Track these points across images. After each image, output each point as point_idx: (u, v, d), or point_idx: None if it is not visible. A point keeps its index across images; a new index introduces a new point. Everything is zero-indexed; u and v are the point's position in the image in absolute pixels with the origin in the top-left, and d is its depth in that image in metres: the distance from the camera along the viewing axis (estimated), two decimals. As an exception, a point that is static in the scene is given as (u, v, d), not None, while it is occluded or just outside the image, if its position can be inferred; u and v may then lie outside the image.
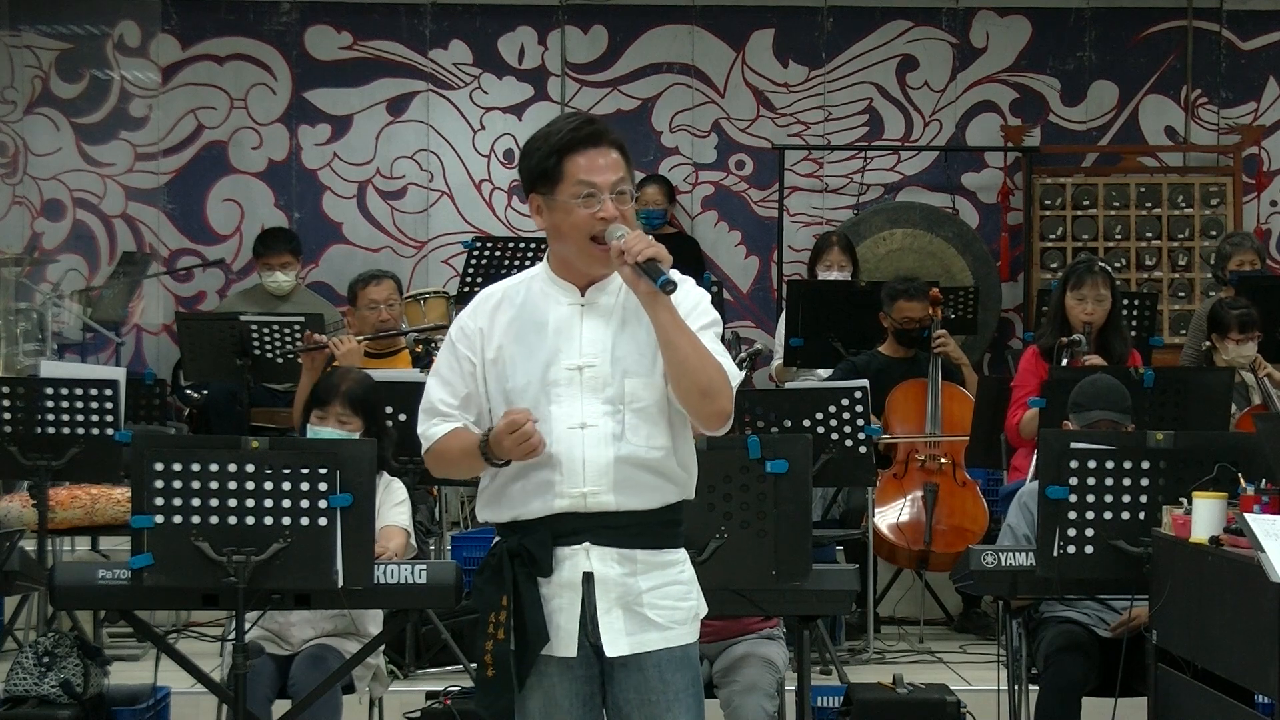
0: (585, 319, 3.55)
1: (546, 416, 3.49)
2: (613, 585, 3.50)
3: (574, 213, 3.51)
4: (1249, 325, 7.17)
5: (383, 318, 7.48)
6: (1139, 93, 10.31)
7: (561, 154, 3.51)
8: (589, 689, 3.54)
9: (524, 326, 3.57)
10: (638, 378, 3.50)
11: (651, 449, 3.51)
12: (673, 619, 3.54)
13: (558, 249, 3.60)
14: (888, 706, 5.49)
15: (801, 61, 10.27)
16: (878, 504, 7.14)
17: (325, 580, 4.42)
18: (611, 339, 3.53)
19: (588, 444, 3.48)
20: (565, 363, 3.52)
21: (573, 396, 3.50)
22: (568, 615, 3.50)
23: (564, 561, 3.50)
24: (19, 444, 6.33)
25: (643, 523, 3.52)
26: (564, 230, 3.54)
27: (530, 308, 3.58)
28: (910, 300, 7.79)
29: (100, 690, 5.35)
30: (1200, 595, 4.32)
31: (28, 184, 10.16)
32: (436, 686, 5.71)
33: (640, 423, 3.50)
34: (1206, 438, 4.96)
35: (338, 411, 5.17)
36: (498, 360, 3.56)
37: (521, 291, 3.62)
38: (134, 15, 10.17)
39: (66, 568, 5.17)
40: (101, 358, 9.50)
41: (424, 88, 10.23)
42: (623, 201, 3.53)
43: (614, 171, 3.53)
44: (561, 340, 3.54)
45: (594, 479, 3.47)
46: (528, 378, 3.52)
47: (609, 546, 3.50)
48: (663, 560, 3.56)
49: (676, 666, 3.53)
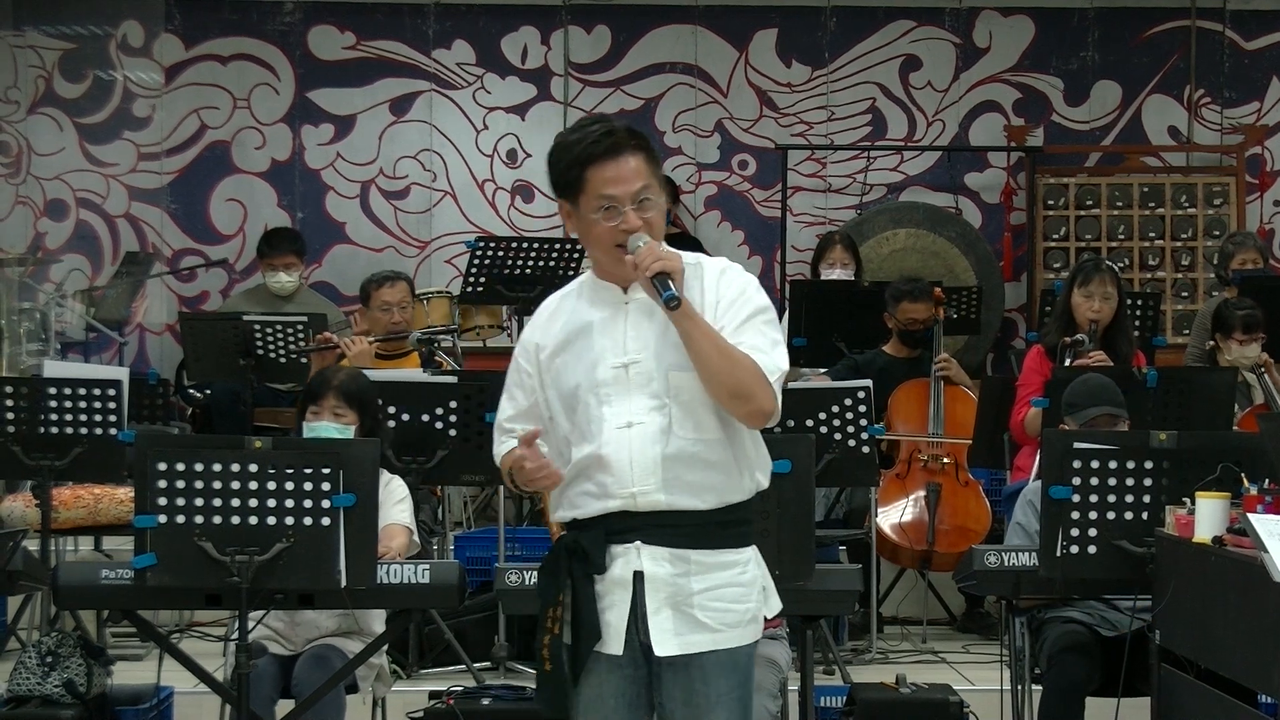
0: (629, 317, 3.56)
1: (599, 418, 3.50)
2: (662, 585, 3.49)
3: (597, 225, 3.52)
4: (1254, 326, 7.17)
5: (394, 320, 7.48)
6: (1142, 93, 10.31)
7: (583, 166, 3.51)
8: (635, 689, 3.53)
9: (572, 332, 3.59)
10: (682, 370, 3.49)
11: (700, 440, 3.49)
12: (724, 621, 3.52)
13: (591, 254, 3.65)
14: (890, 707, 5.49)
15: (804, 61, 10.27)
16: (880, 504, 7.15)
17: (328, 580, 4.42)
18: (656, 334, 3.53)
19: (634, 443, 3.48)
20: (611, 362, 3.53)
21: (621, 396, 3.51)
22: (617, 613, 3.50)
23: (616, 559, 3.50)
24: (22, 444, 6.33)
25: (699, 523, 3.50)
26: (590, 240, 3.58)
27: (578, 313, 3.61)
28: (914, 301, 7.81)
29: (103, 690, 5.34)
30: (1203, 595, 4.32)
31: (31, 184, 10.17)
32: (439, 686, 5.71)
33: (687, 415, 3.49)
34: (1210, 438, 4.96)
35: (332, 405, 5.14)
36: (552, 367, 3.59)
37: (570, 299, 3.65)
38: (137, 15, 10.18)
39: (70, 567, 5.17)
40: (105, 358, 9.50)
41: (427, 88, 10.24)
42: (646, 209, 3.52)
43: (635, 181, 3.52)
44: (606, 340, 3.55)
45: (642, 478, 3.47)
46: (576, 381, 3.54)
47: (660, 546, 3.49)
48: (721, 561, 3.54)
49: (723, 670, 3.52)
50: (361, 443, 4.74)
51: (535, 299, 8.04)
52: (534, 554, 6.38)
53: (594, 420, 3.50)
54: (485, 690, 5.73)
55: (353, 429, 5.10)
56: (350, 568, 4.41)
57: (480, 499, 8.51)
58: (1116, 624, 5.16)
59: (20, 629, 6.84)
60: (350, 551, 4.41)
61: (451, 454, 6.16)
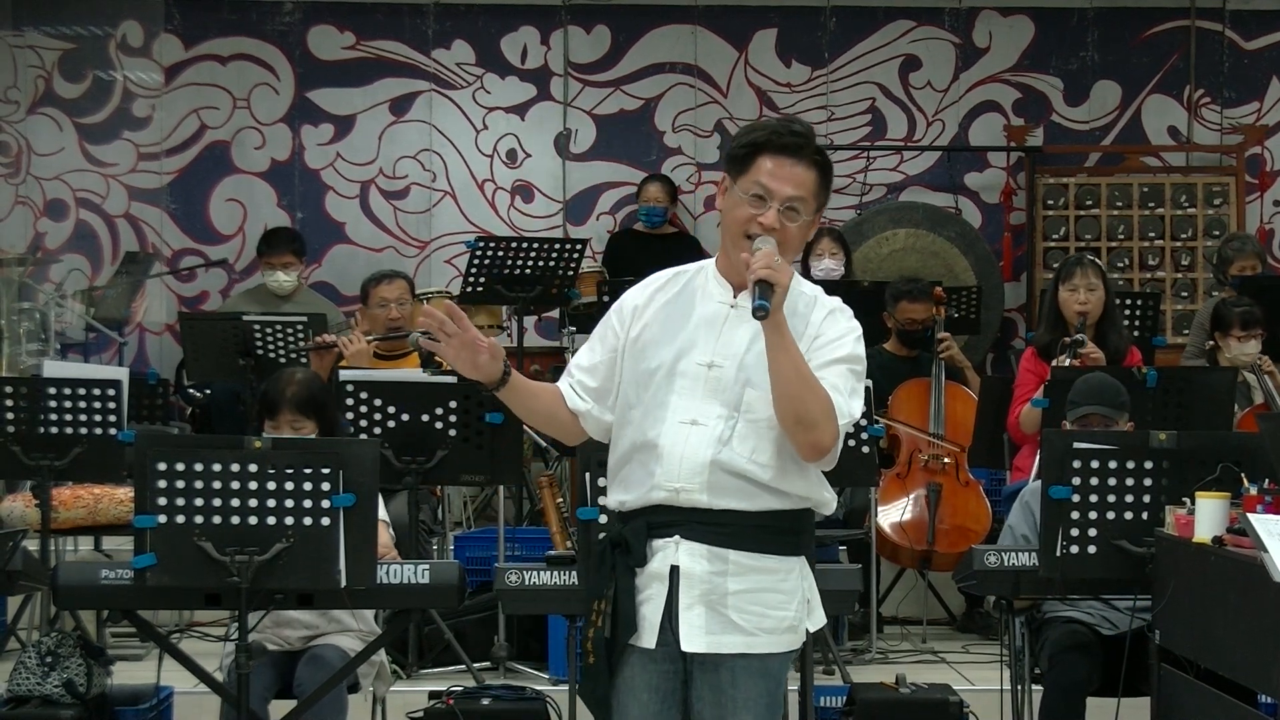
0: (728, 321, 3.55)
1: (664, 404, 3.50)
2: (697, 581, 3.48)
3: (740, 207, 3.52)
4: (1251, 323, 7.17)
5: (393, 316, 7.47)
6: (1142, 93, 10.31)
7: (759, 148, 3.52)
8: (668, 684, 3.52)
9: (673, 312, 3.58)
10: (759, 390, 3.47)
11: (753, 462, 3.47)
12: (759, 626, 3.50)
13: (723, 235, 3.62)
14: (890, 706, 5.49)
15: (804, 61, 10.27)
16: (880, 504, 7.15)
17: (328, 580, 4.42)
18: (746, 345, 3.51)
19: (691, 441, 3.47)
20: (697, 358, 3.52)
21: (694, 392, 3.50)
22: (653, 606, 3.49)
23: (656, 553, 3.50)
24: (22, 444, 6.33)
25: (742, 524, 3.48)
26: (727, 219, 3.57)
27: (685, 296, 3.61)
28: (914, 301, 7.82)
29: (103, 690, 5.34)
30: (1203, 595, 4.31)
31: (31, 184, 10.17)
32: (439, 686, 5.71)
33: (750, 434, 3.47)
34: (1209, 438, 4.96)
35: (288, 418, 5.12)
36: (639, 339, 3.59)
37: (684, 279, 3.64)
38: (137, 15, 10.19)
39: (69, 567, 5.17)
40: (104, 357, 9.51)
41: (427, 87, 10.24)
42: (790, 218, 3.51)
43: (796, 186, 3.51)
44: (700, 335, 3.54)
45: (688, 476, 3.46)
46: (659, 361, 3.53)
47: (699, 543, 3.48)
48: (762, 565, 3.51)
49: (752, 674, 3.50)
50: (362, 442, 4.75)
51: (535, 299, 8.07)
52: (534, 554, 6.37)
53: (661, 406, 3.50)
54: (485, 690, 5.73)
55: (313, 437, 5.09)
56: (350, 568, 4.41)
57: (480, 499, 8.51)
58: (1117, 623, 5.16)
59: (20, 629, 6.84)
60: (350, 551, 4.41)
61: (451, 454, 6.16)
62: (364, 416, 6.16)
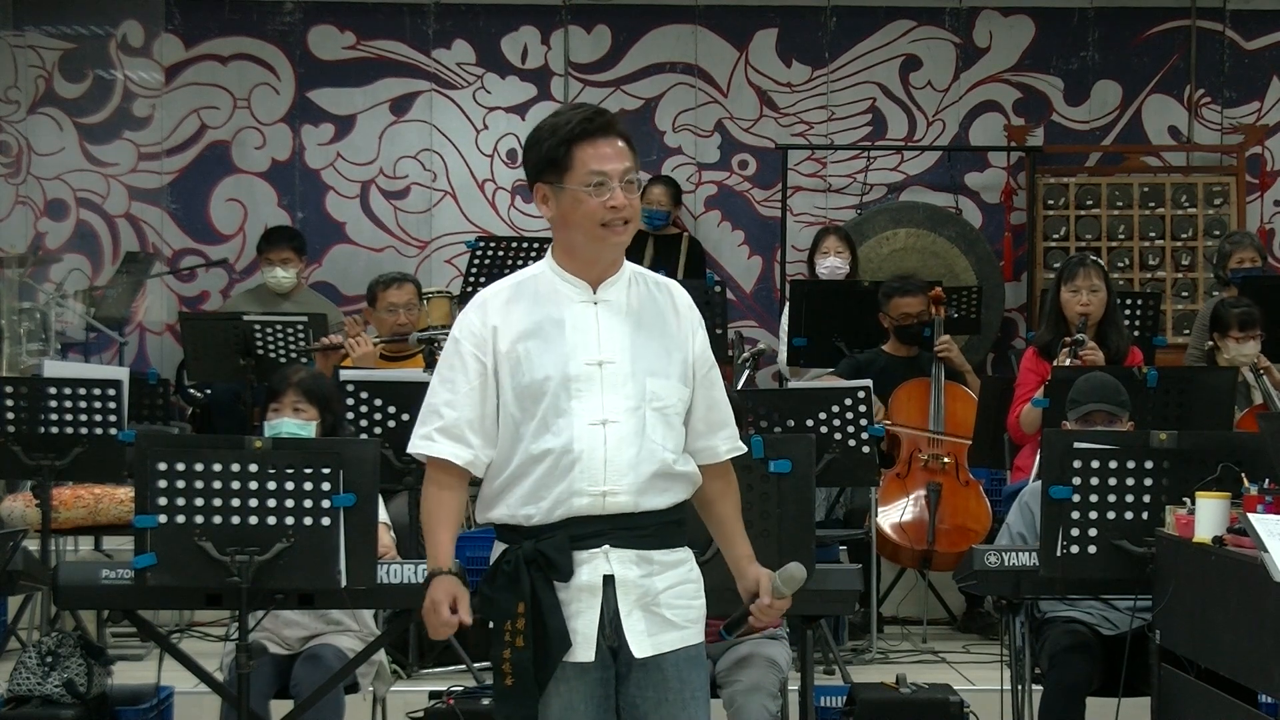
0: (600, 316, 3.56)
1: (566, 410, 3.48)
2: (633, 587, 3.51)
3: (585, 201, 3.52)
4: (1250, 324, 7.18)
5: (400, 321, 7.46)
6: (1142, 92, 10.31)
7: (571, 143, 3.53)
8: (604, 691, 3.53)
9: (540, 321, 3.56)
10: (660, 379, 3.53)
11: (667, 450, 3.53)
12: (687, 618, 3.58)
13: (564, 238, 3.60)
14: (891, 706, 5.49)
15: (805, 61, 10.27)
16: (881, 504, 7.15)
17: (328, 580, 4.42)
18: (629, 337, 3.54)
19: (610, 441, 3.48)
20: (584, 358, 3.51)
21: (593, 392, 3.50)
22: (586, 619, 3.49)
23: (583, 565, 3.49)
24: (22, 444, 6.34)
25: (659, 522, 3.54)
26: (573, 219, 3.55)
27: (544, 303, 3.58)
28: (905, 296, 7.81)
29: (103, 690, 5.34)
30: (1204, 595, 4.32)
31: (31, 184, 10.17)
32: (440, 686, 5.70)
33: (659, 423, 3.52)
34: (1210, 438, 4.96)
35: (292, 400, 5.12)
36: (511, 354, 3.54)
37: (531, 287, 3.62)
38: (137, 15, 10.18)
39: (70, 567, 5.17)
40: (105, 357, 9.51)
41: (427, 87, 10.24)
42: (631, 191, 3.54)
43: (623, 160, 3.55)
44: (579, 336, 3.53)
45: (615, 478, 3.47)
46: (546, 372, 3.50)
47: (627, 548, 3.50)
48: (674, 559, 3.58)
49: (693, 665, 3.57)
50: (362, 442, 4.75)
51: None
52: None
53: (562, 413, 3.48)
54: (485, 690, 5.72)
55: (314, 425, 5.09)
56: (350, 568, 4.42)
57: (480, 499, 8.49)
58: (1118, 623, 5.16)
59: (20, 629, 6.84)
60: (350, 551, 4.41)
61: (452, 454, 6.14)
62: (364, 416, 6.16)
